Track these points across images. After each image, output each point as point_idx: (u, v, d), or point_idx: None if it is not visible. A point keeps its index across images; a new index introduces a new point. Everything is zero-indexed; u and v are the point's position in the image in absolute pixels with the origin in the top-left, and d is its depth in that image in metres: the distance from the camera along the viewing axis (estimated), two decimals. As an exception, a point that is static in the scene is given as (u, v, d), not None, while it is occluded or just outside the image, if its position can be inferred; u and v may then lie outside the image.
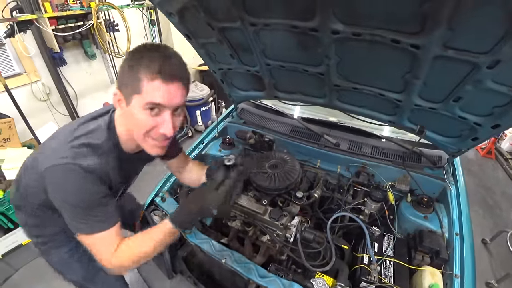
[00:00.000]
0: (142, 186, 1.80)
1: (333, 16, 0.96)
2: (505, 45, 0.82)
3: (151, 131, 0.87)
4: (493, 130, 1.18)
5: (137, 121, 0.85)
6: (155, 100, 0.81)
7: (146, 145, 0.92)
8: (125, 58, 0.85)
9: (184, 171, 1.36)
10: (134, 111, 0.84)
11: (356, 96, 1.38)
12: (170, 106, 0.85)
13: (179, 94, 0.85)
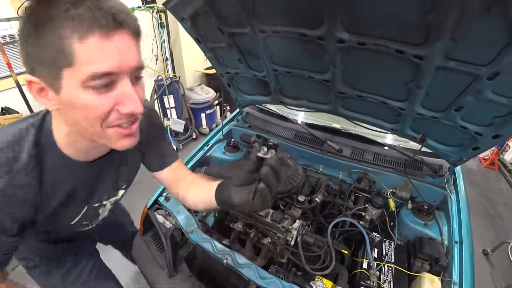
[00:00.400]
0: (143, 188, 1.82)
1: (340, 25, 0.99)
2: (504, 58, 0.85)
3: (108, 117, 0.59)
4: (494, 140, 1.20)
5: (81, 109, 0.56)
6: (100, 68, 0.52)
7: (108, 140, 0.64)
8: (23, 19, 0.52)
9: (183, 187, 0.98)
10: (72, 96, 0.55)
11: (360, 104, 1.41)
12: (126, 71, 0.57)
13: (132, 50, 0.58)
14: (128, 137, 0.65)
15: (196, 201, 0.91)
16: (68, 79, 0.53)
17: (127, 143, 0.66)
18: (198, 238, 1.31)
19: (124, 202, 1.49)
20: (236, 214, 1.42)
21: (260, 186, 0.63)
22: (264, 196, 0.64)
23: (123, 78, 0.57)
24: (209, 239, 1.29)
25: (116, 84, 0.57)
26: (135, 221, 1.60)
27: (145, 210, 1.54)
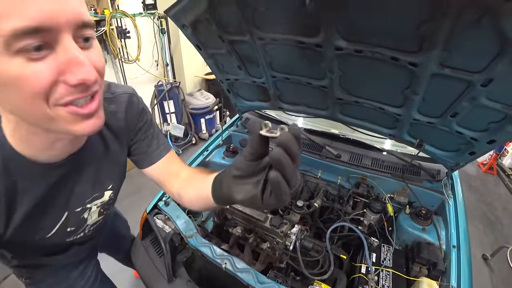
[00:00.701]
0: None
1: (337, 33, 1.01)
2: (497, 65, 0.87)
3: (54, 91, 0.44)
4: (489, 145, 1.22)
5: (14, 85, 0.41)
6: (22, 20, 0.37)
7: (63, 125, 0.48)
8: None
9: (179, 184, 0.84)
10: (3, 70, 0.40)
11: (358, 110, 1.43)
12: (64, 25, 0.41)
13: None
14: (89, 118, 0.50)
15: (193, 199, 0.76)
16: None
17: (89, 126, 0.50)
18: (197, 242, 1.32)
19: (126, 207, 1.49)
20: (235, 219, 1.43)
21: (272, 175, 0.43)
22: (278, 188, 0.43)
23: (63, 36, 0.42)
24: (208, 244, 1.30)
25: (55, 46, 0.42)
26: (135, 225, 1.61)
27: (144, 214, 1.55)
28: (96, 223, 0.90)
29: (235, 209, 1.43)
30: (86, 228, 0.86)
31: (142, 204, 1.63)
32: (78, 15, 0.43)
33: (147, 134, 0.84)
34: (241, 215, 1.42)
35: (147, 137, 0.84)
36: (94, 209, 0.83)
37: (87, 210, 0.80)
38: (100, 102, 0.52)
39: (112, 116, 0.73)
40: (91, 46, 0.48)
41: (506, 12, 0.72)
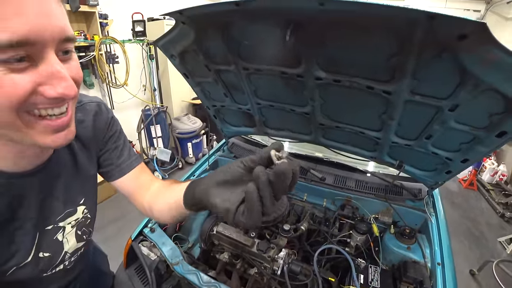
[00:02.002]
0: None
1: (316, 65, 1.09)
2: (460, 92, 0.96)
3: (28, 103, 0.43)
4: (463, 164, 1.30)
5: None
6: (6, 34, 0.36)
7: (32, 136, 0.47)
8: None
9: (150, 196, 0.81)
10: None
11: (340, 134, 1.49)
12: (48, 39, 0.41)
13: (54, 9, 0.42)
14: (60, 131, 0.49)
15: (163, 209, 0.72)
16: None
17: (60, 139, 0.49)
18: (184, 270, 1.29)
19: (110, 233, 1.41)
20: (222, 244, 1.42)
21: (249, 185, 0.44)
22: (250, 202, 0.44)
23: (47, 50, 0.42)
24: (194, 271, 1.28)
25: (37, 59, 0.42)
26: (120, 253, 1.56)
27: (129, 241, 1.51)
28: (77, 252, 0.80)
29: (222, 234, 1.42)
30: (65, 257, 0.76)
31: (127, 231, 1.59)
32: (62, 30, 0.43)
33: (117, 144, 0.82)
34: (228, 240, 1.41)
35: (117, 147, 0.81)
36: (69, 230, 0.74)
37: (60, 230, 0.72)
38: (73, 115, 0.51)
39: (79, 125, 0.68)
40: (70, 58, 0.48)
41: (462, 49, 0.81)
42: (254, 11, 0.94)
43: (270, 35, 1.03)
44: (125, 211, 3.22)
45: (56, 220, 0.70)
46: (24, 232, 0.63)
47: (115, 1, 3.77)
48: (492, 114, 1.00)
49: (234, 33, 1.09)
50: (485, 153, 1.18)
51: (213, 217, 1.62)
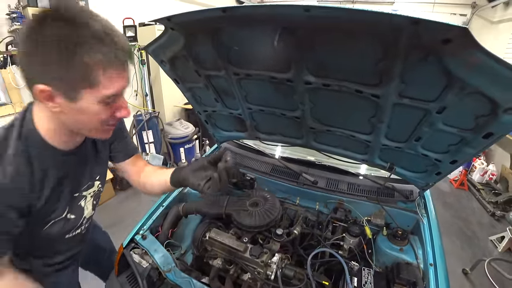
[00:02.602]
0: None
1: (306, 70, 1.10)
2: (447, 95, 0.98)
3: (108, 119, 0.79)
4: (452, 166, 1.32)
5: (92, 114, 0.74)
6: (113, 92, 0.72)
7: (97, 132, 0.82)
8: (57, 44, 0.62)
9: (143, 176, 1.18)
10: (85, 106, 0.71)
11: (331, 137, 1.50)
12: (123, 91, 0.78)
13: (128, 76, 0.76)
14: (111, 130, 0.87)
15: (154, 184, 1.14)
16: (88, 95, 0.70)
17: (109, 134, 0.87)
18: (176, 277, 1.28)
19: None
20: (215, 250, 1.41)
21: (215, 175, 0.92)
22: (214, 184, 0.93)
23: (120, 94, 0.77)
24: (187, 278, 1.26)
25: (117, 99, 0.77)
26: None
27: (120, 249, 1.49)
28: (89, 219, 1.11)
29: (215, 240, 1.41)
30: (83, 221, 1.05)
31: (119, 238, 1.57)
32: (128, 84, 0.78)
33: (124, 135, 1.15)
34: (220, 246, 1.40)
35: (124, 138, 1.15)
36: (88, 199, 1.04)
37: (83, 198, 1.01)
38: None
39: None
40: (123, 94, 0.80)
41: (446, 52, 0.82)
42: (241, 18, 0.95)
43: (259, 40, 1.04)
44: (117, 218, 3.17)
45: (81, 190, 0.99)
46: (64, 195, 0.91)
47: (106, 6, 3.74)
48: (478, 116, 1.02)
49: (223, 38, 1.09)
50: (473, 154, 1.20)
51: (206, 223, 1.60)
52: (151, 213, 1.64)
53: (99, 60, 0.66)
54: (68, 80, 0.67)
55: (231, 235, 1.43)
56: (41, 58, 0.64)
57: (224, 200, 1.56)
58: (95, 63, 0.65)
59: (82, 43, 0.63)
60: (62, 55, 0.63)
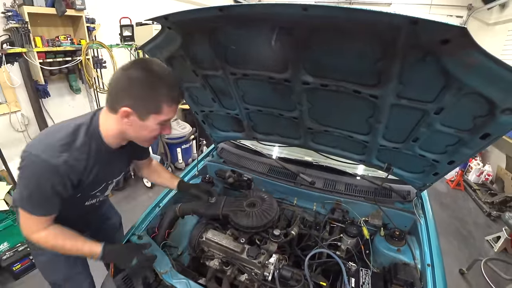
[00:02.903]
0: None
1: (303, 69, 1.09)
2: (445, 95, 0.97)
3: (157, 134, 1.11)
4: (450, 166, 1.32)
5: (149, 130, 1.06)
6: (169, 118, 1.07)
7: (145, 142, 1.15)
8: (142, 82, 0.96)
9: (150, 170, 1.59)
10: (149, 125, 1.04)
11: (328, 138, 1.50)
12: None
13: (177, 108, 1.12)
14: (152, 141, 1.17)
15: (157, 181, 1.61)
16: (153, 118, 1.02)
17: (150, 144, 1.21)
18: (173, 278, 1.26)
19: None
20: (212, 251, 1.40)
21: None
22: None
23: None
24: (184, 279, 1.25)
25: (167, 121, 1.08)
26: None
27: (117, 251, 1.47)
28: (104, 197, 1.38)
29: (211, 241, 1.40)
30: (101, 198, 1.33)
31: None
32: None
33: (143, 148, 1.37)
34: (217, 247, 1.39)
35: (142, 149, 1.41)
36: (112, 185, 1.33)
37: (111, 184, 1.30)
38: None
39: None
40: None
41: (444, 53, 0.82)
42: (238, 17, 0.94)
43: (256, 40, 1.03)
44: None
45: (114, 178, 1.30)
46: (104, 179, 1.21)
47: (103, 6, 3.72)
48: (476, 117, 1.02)
49: (220, 38, 1.08)
50: (470, 155, 1.20)
51: (202, 223, 1.59)
52: (147, 214, 1.63)
53: (167, 99, 1.00)
54: (144, 108, 1.00)
55: (228, 236, 1.42)
56: (130, 91, 0.97)
57: (221, 201, 1.55)
58: (164, 100, 1.00)
59: (160, 87, 0.98)
60: (145, 92, 0.97)
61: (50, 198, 1.01)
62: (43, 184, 0.97)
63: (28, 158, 0.97)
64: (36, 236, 1.08)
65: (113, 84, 1.00)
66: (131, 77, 0.96)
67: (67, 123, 1.06)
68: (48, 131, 1.06)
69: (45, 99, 3.33)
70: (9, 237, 2.59)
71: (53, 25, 3.26)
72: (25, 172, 0.99)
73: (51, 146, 0.97)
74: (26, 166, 0.98)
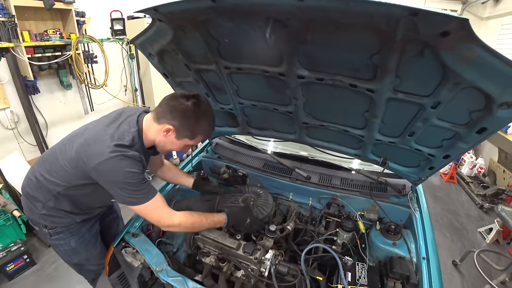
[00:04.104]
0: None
1: (298, 63, 1.07)
2: (442, 90, 0.96)
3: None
4: (445, 160, 1.32)
5: (176, 147, 1.28)
6: (196, 144, 1.34)
7: (165, 151, 1.37)
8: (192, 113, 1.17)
9: (165, 169, 1.69)
10: (179, 143, 1.25)
11: (324, 132, 1.48)
12: None
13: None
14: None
15: (172, 180, 1.74)
16: (185, 141, 1.25)
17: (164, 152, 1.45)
18: (169, 276, 1.25)
19: None
20: (208, 247, 1.38)
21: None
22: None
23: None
24: (180, 277, 1.24)
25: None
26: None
27: (111, 248, 1.45)
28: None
29: (207, 237, 1.39)
30: None
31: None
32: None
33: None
34: (213, 244, 1.38)
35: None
36: None
37: None
38: None
39: None
40: None
41: (443, 46, 0.80)
42: (232, 8, 0.91)
43: (250, 32, 1.00)
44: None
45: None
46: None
47: (93, -2, 3.63)
48: (473, 111, 1.01)
49: (213, 30, 1.05)
50: (465, 149, 1.20)
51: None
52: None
53: (202, 132, 1.25)
54: (184, 132, 1.21)
55: (223, 233, 1.41)
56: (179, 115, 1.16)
57: (216, 197, 1.54)
58: (200, 133, 1.24)
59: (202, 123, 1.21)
60: (189, 122, 1.18)
61: (145, 179, 1.20)
62: (135, 169, 1.14)
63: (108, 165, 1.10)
64: (176, 219, 1.24)
65: (168, 102, 1.19)
66: (184, 104, 1.15)
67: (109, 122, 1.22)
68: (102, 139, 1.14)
69: (35, 95, 3.25)
70: (2, 237, 2.56)
71: (41, 19, 3.16)
72: (113, 175, 1.12)
73: (121, 147, 1.12)
74: (110, 171, 1.11)
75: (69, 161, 1.20)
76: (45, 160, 1.34)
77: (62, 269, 2.63)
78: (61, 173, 1.25)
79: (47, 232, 1.45)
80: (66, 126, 3.79)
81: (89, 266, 1.63)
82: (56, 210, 1.36)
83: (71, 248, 1.50)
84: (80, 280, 1.98)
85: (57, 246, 1.51)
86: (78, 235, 1.49)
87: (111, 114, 1.32)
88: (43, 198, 1.33)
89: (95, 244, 1.59)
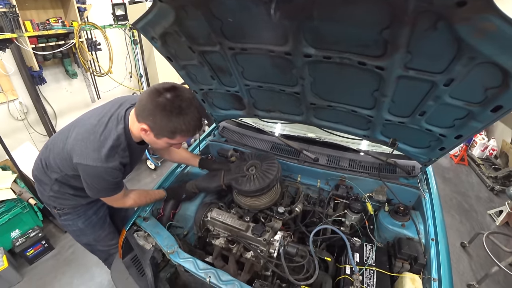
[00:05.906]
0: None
1: (304, 41, 1.03)
2: (456, 66, 0.92)
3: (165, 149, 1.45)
4: (457, 140, 1.28)
5: (160, 145, 1.24)
6: (181, 143, 1.26)
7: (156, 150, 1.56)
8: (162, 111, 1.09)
9: (171, 151, 1.70)
10: (160, 142, 1.21)
11: (332, 113, 1.46)
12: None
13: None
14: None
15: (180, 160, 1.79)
16: (165, 140, 1.19)
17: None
18: (180, 257, 1.28)
19: None
20: (217, 229, 1.40)
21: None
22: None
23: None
24: (190, 258, 1.27)
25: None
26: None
27: (123, 232, 1.49)
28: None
29: (216, 220, 1.41)
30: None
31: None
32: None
33: None
34: (222, 226, 1.40)
35: None
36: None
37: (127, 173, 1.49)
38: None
39: None
40: None
41: (459, 17, 0.76)
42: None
43: (254, 10, 0.96)
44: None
45: (135, 165, 1.52)
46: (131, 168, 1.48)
47: (93, -17, 3.56)
48: (488, 88, 0.96)
49: (215, 9, 1.01)
50: (479, 129, 1.15)
51: (206, 203, 1.60)
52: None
53: (182, 131, 1.15)
54: (160, 131, 1.15)
55: (232, 215, 1.43)
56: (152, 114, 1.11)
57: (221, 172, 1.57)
58: (179, 132, 1.15)
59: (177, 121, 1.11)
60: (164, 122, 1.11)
61: (118, 183, 1.30)
62: (110, 179, 1.22)
63: (88, 169, 1.18)
64: (128, 202, 1.42)
65: (143, 100, 1.13)
66: (155, 101, 1.09)
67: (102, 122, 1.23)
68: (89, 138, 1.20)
69: (42, 86, 3.27)
70: (20, 224, 2.66)
71: (42, 8, 3.14)
72: (91, 178, 1.22)
73: (104, 155, 1.16)
74: (89, 174, 1.21)
75: (62, 151, 1.28)
76: (47, 146, 1.43)
77: (79, 252, 2.73)
78: (57, 161, 1.33)
79: (56, 213, 1.55)
80: (74, 115, 3.78)
81: (99, 247, 1.74)
82: (61, 193, 1.45)
83: (79, 229, 1.61)
84: (97, 263, 2.07)
85: (66, 226, 1.62)
86: (85, 216, 1.58)
87: (106, 104, 1.36)
88: (49, 182, 1.43)
89: (102, 226, 1.68)
